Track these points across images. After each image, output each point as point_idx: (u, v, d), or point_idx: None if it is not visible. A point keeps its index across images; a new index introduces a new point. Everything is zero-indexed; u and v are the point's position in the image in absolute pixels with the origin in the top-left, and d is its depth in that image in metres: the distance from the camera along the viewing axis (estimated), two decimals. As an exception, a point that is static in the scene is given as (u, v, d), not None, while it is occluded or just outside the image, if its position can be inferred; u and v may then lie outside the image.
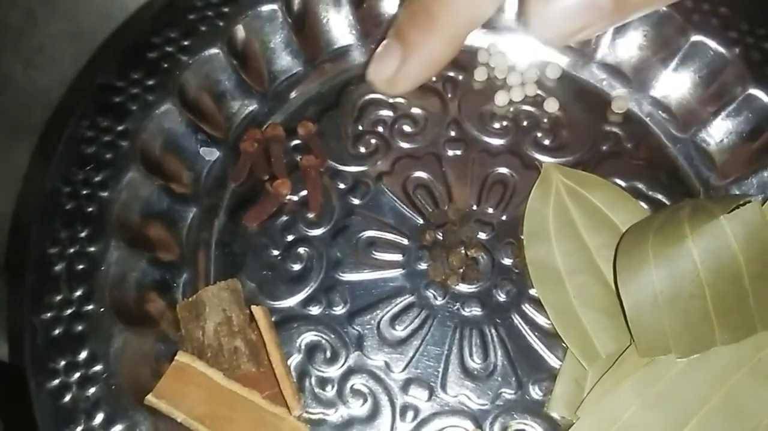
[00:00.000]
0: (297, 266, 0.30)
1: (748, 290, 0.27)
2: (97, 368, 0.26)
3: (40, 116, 0.48)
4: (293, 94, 0.34)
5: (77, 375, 0.25)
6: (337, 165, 0.32)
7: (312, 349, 0.29)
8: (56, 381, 0.25)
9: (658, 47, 0.34)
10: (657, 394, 0.26)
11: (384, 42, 0.27)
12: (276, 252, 0.30)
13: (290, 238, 0.31)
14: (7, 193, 0.47)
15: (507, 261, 0.31)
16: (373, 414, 0.28)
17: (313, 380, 0.28)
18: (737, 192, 0.32)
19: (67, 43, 0.48)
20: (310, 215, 0.31)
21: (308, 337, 0.29)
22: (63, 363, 0.26)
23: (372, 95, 0.34)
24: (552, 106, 0.34)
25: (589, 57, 0.35)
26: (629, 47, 0.34)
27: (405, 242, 0.31)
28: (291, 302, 0.30)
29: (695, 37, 0.33)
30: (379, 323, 0.29)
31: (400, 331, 0.29)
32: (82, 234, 0.28)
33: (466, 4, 0.25)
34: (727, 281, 0.26)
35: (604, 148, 0.33)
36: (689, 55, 0.33)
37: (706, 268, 0.26)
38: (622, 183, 0.32)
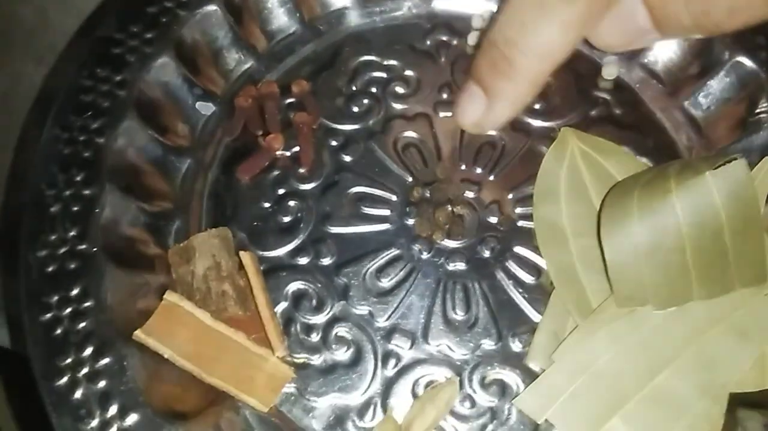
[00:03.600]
0: (287, 219, 0.31)
1: (728, 246, 0.27)
2: (89, 304, 0.26)
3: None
4: (289, 54, 0.35)
5: (69, 309, 0.26)
6: (329, 123, 0.33)
7: (299, 297, 0.29)
8: (49, 315, 0.26)
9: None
10: (632, 344, 0.27)
11: (466, 87, 0.28)
12: (267, 205, 0.31)
13: (281, 191, 0.32)
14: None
15: (492, 219, 0.31)
16: (356, 360, 0.28)
17: (298, 326, 0.29)
18: (722, 158, 0.32)
19: (79, 41, 0.49)
20: (302, 170, 0.32)
21: (295, 286, 0.30)
22: (56, 298, 0.26)
23: (366, 57, 0.35)
24: (543, 71, 0.34)
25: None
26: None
27: (393, 198, 0.32)
28: (280, 252, 0.30)
29: (686, 6, 0.33)
30: (365, 274, 0.30)
31: (385, 282, 0.30)
32: (78, 178, 0.29)
33: (545, 48, 0.25)
34: (707, 236, 0.27)
35: (594, 113, 0.34)
36: (679, 23, 0.34)
37: (688, 223, 0.27)
38: (611, 147, 0.33)
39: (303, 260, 0.30)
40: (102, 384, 0.25)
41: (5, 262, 0.42)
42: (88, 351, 0.26)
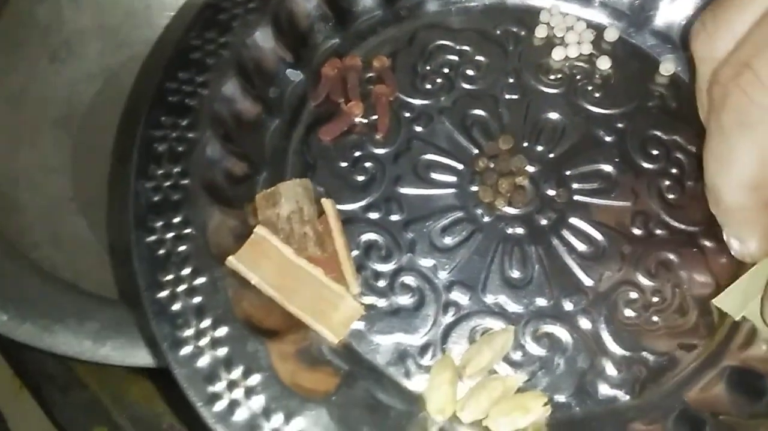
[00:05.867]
0: (362, 178, 0.34)
1: None
2: (188, 230, 0.30)
3: (63, 109, 0.49)
4: (371, 34, 0.38)
5: (171, 234, 0.29)
6: (404, 97, 0.36)
7: (369, 247, 0.32)
8: (154, 237, 0.29)
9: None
10: None
11: None
12: (344, 164, 0.34)
13: (358, 154, 0.35)
14: (33, 187, 0.47)
15: (551, 192, 0.34)
16: (419, 306, 0.31)
17: (368, 272, 0.32)
18: None
19: (93, 38, 0.50)
20: (378, 137, 0.35)
21: (367, 236, 0.32)
22: (160, 223, 0.30)
23: (441, 41, 0.38)
24: (604, 63, 0.37)
25: (644, 24, 0.38)
26: (681, 14, 0.38)
27: (459, 167, 0.34)
28: (354, 206, 0.33)
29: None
30: (430, 231, 0.33)
31: (448, 240, 0.33)
32: (184, 123, 0.32)
33: None
34: None
35: (650, 104, 0.36)
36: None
37: None
38: (663, 136, 0.35)
39: (374, 215, 0.33)
40: (197, 299, 0.28)
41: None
42: (187, 270, 0.29)
